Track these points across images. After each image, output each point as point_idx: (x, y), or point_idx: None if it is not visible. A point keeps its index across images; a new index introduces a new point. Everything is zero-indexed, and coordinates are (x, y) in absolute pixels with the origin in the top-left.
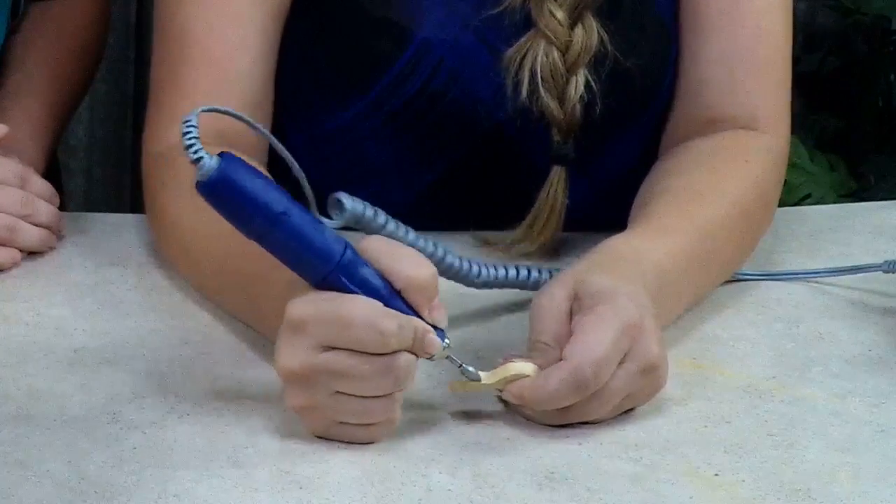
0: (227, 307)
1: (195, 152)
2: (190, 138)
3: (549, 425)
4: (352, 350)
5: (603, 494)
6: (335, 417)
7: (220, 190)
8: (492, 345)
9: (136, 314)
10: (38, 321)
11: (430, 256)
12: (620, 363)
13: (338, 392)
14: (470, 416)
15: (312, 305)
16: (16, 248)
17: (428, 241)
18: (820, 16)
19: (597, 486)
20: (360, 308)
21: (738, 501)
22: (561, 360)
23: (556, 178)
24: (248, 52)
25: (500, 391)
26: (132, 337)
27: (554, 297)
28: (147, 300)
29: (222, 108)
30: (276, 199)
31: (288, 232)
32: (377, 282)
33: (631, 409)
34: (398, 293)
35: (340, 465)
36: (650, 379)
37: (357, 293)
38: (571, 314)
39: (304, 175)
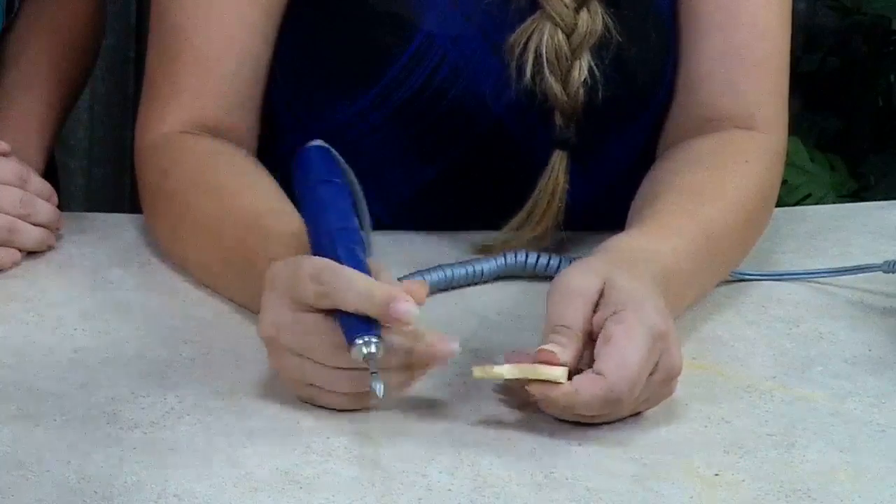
0: (230, 288)
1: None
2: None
3: (551, 424)
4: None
5: (603, 494)
6: (305, 380)
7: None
8: (491, 344)
9: (136, 314)
10: (38, 321)
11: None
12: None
13: (301, 356)
14: (470, 416)
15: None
16: (15, 248)
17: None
18: (820, 16)
19: (597, 486)
20: (315, 262)
21: (738, 501)
22: (584, 350)
23: (558, 163)
24: (236, 51)
25: (525, 386)
26: (132, 337)
27: (584, 285)
28: (147, 300)
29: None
30: (323, 173)
31: (319, 192)
32: (363, 263)
33: None
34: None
35: (340, 465)
36: (669, 387)
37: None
38: (596, 307)
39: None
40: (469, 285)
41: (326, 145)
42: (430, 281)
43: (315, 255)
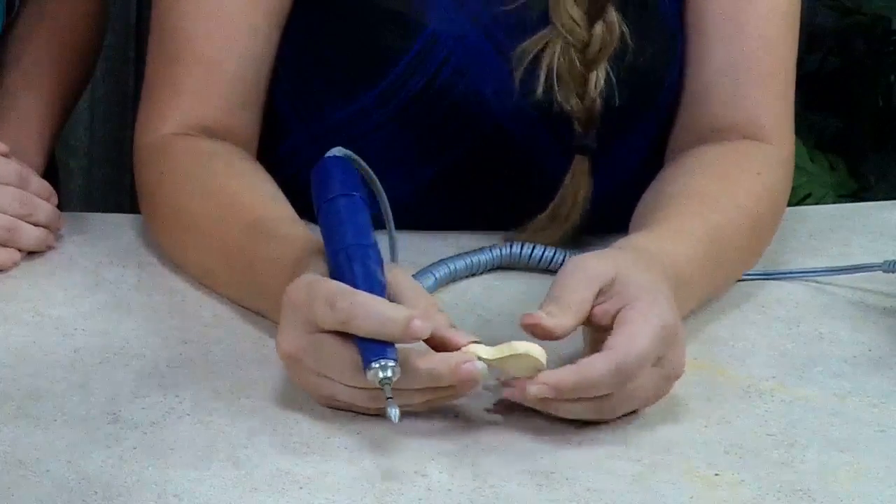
0: (230, 289)
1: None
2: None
3: (551, 424)
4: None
5: (603, 494)
6: (327, 396)
7: (319, 167)
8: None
9: (136, 314)
10: (38, 321)
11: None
12: (653, 364)
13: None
14: (470, 416)
15: (305, 288)
16: (15, 248)
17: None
18: (820, 16)
19: (597, 486)
20: (331, 285)
21: (738, 501)
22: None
23: (579, 168)
24: (237, 54)
25: (516, 380)
26: (132, 337)
27: (597, 269)
28: (147, 300)
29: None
30: (339, 187)
31: (336, 207)
32: (378, 282)
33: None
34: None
35: (340, 465)
36: (667, 386)
37: (357, 279)
38: (600, 293)
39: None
40: (468, 276)
41: (345, 152)
42: (437, 276)
43: (332, 270)
